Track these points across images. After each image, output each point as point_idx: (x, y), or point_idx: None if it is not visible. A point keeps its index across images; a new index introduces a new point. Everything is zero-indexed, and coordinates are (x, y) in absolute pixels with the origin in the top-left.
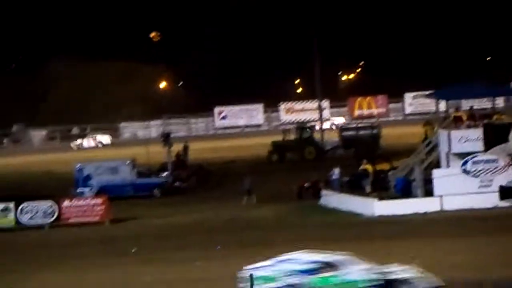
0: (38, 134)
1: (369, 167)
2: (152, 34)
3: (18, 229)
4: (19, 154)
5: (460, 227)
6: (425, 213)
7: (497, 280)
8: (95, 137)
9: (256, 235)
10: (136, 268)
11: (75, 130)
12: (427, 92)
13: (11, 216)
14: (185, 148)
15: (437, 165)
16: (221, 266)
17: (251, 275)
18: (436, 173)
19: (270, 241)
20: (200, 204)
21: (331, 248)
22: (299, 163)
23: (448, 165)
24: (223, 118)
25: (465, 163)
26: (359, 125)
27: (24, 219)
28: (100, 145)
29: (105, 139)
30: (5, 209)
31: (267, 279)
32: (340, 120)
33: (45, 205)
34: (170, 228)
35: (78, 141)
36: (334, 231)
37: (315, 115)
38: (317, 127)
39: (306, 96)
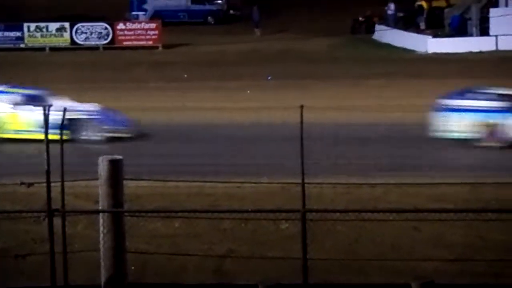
0: None
1: (424, 4)
2: None
3: (73, 49)
4: None
5: None
6: (480, 52)
7: None
8: None
9: (307, 67)
10: (187, 94)
11: None
12: None
13: (67, 35)
14: None
15: (495, 4)
16: (271, 96)
17: None
18: (493, 12)
19: (322, 75)
20: (253, 33)
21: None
22: None
23: (506, 4)
24: None
25: None
26: None
27: (79, 39)
28: None
29: None
30: (61, 28)
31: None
32: None
33: (100, 26)
34: (222, 56)
35: None
36: (386, 66)
37: None
38: None
39: None
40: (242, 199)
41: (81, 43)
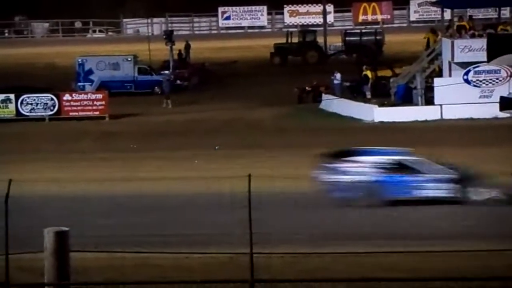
0: (40, 26)
1: (369, 73)
2: None
3: (19, 120)
4: (21, 46)
5: (458, 136)
6: (425, 121)
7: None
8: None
9: (254, 137)
10: (134, 164)
11: (77, 24)
12: (433, 0)
13: (12, 107)
14: (187, 47)
15: (439, 73)
16: (219, 165)
17: None
18: (437, 81)
19: (269, 144)
20: (200, 103)
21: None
22: (301, 67)
23: (450, 74)
24: (227, 18)
25: (467, 72)
26: (363, 30)
27: (25, 110)
28: None
29: None
30: (6, 100)
31: None
32: None
33: (46, 97)
34: (169, 126)
35: None
36: (333, 136)
37: (319, 19)
38: None
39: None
40: (190, 270)
41: (27, 114)
